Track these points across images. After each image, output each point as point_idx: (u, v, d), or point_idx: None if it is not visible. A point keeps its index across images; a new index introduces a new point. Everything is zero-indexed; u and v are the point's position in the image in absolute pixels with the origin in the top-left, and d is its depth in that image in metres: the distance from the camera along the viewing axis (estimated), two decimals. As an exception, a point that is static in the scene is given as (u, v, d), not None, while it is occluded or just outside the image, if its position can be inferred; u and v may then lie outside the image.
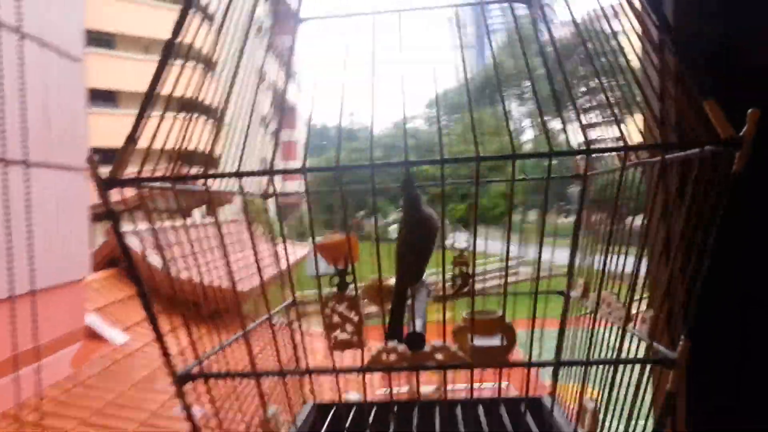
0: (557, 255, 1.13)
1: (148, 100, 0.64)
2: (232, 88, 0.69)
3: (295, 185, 1.08)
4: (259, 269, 0.76)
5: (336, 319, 0.75)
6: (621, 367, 0.73)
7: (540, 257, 0.84)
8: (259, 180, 0.97)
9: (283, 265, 0.91)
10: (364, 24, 0.87)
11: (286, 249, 0.87)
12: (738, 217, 0.65)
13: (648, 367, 0.71)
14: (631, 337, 0.78)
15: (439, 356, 0.71)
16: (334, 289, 0.84)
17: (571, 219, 1.07)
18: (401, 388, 1.32)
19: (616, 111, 0.74)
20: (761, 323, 0.89)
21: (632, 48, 0.78)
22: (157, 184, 0.67)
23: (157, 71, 0.64)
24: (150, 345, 3.90)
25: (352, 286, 0.82)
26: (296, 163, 0.71)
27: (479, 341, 0.74)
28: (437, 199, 1.05)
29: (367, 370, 0.72)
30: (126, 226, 0.66)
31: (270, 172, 0.65)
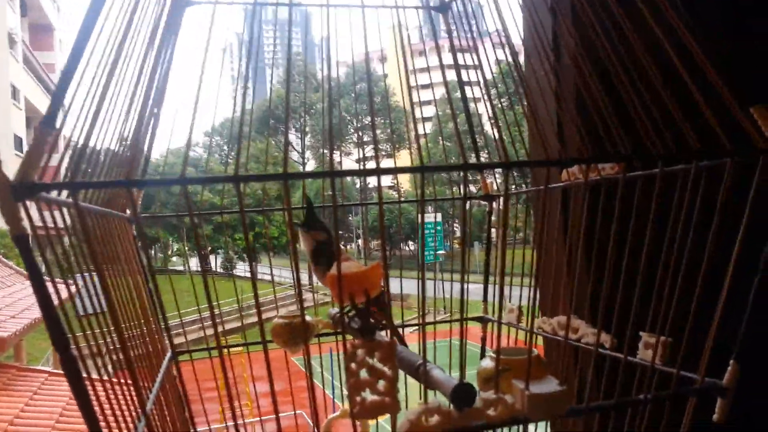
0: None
1: None
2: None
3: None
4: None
5: (364, 375, 0.58)
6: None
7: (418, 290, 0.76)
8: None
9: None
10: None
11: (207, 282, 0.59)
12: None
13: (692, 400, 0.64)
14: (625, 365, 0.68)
15: (491, 412, 0.58)
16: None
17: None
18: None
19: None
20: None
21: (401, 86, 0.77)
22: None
23: None
24: None
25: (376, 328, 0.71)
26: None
27: (533, 387, 0.59)
28: (226, 226, 1.11)
29: None
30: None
31: (238, 178, 0.48)
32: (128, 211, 0.87)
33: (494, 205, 1.07)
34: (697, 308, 0.62)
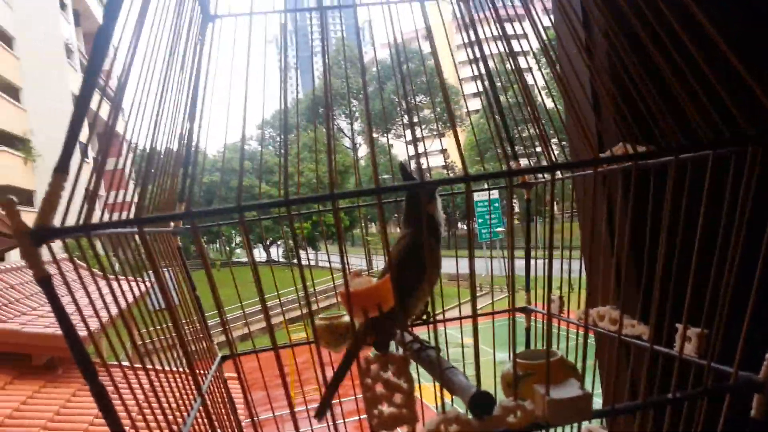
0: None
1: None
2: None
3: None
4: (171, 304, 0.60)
5: (380, 389, 0.59)
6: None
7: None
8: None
9: (123, 304, 0.62)
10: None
11: (306, 287, 0.61)
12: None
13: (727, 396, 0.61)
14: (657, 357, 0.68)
15: (511, 419, 0.57)
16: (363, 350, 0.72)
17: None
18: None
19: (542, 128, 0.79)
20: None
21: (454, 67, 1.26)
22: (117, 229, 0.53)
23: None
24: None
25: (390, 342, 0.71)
26: (126, 194, 0.64)
27: (553, 391, 0.58)
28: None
29: None
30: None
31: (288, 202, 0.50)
32: (172, 224, 0.92)
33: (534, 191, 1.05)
34: (732, 300, 0.59)
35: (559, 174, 0.93)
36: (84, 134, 0.58)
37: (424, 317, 0.90)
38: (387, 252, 0.60)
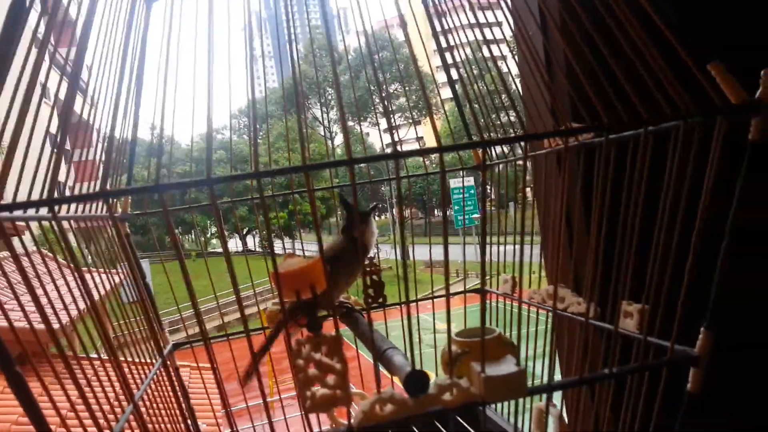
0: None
1: None
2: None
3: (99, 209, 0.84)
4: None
5: (312, 370, 0.57)
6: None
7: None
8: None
9: (96, 296, 0.63)
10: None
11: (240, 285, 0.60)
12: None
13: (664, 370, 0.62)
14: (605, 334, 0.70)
15: (447, 396, 0.56)
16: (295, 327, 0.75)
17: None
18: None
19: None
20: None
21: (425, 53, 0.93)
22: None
23: None
24: None
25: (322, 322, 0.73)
26: (98, 184, 0.65)
27: (489, 369, 0.57)
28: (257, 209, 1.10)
29: None
30: None
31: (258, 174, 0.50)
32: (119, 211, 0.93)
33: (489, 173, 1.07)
34: (672, 276, 0.60)
35: (520, 152, 0.95)
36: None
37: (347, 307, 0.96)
38: (318, 234, 0.57)
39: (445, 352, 0.66)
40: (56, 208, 0.50)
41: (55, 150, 0.56)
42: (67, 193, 0.64)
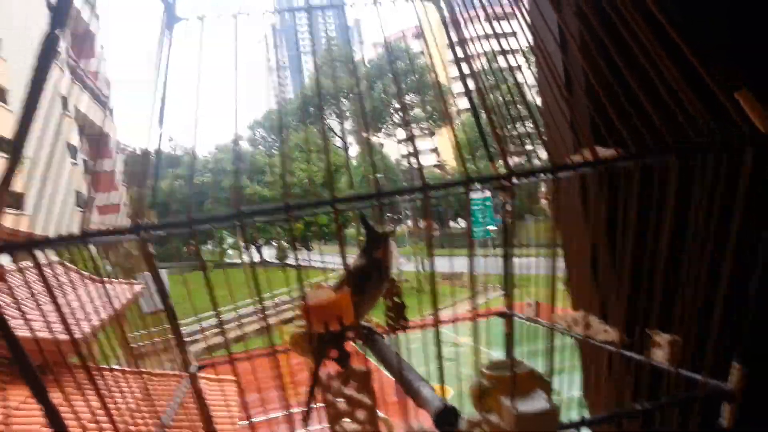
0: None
1: None
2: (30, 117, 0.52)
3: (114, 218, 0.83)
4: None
5: (342, 404, 0.57)
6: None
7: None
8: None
9: (117, 305, 0.67)
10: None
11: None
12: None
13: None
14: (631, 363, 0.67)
15: None
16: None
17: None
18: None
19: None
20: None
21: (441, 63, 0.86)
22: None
23: None
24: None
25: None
26: (117, 195, 2.38)
27: (520, 404, 0.56)
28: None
29: None
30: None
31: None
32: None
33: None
34: (703, 306, 0.58)
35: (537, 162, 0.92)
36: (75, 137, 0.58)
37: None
38: (346, 267, 0.61)
39: (475, 386, 0.65)
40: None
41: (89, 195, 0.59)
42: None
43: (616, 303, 0.69)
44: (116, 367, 0.70)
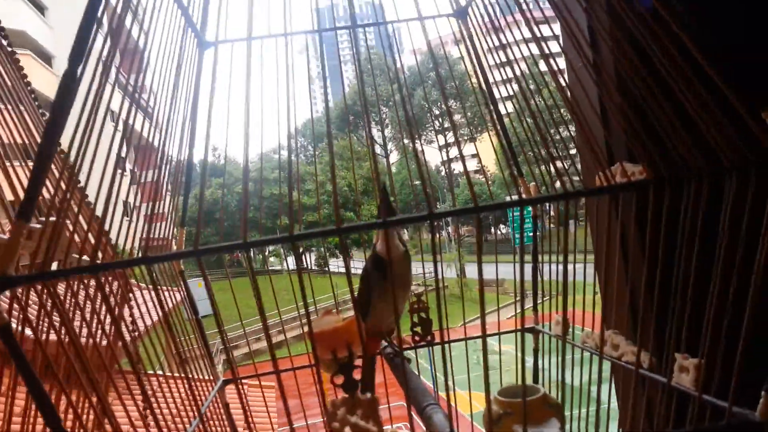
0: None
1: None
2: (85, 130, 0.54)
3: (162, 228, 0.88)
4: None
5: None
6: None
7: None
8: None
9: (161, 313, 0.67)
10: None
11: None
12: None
13: None
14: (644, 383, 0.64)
15: None
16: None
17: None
18: None
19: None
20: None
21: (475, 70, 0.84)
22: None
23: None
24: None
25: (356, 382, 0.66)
26: (163, 204, 0.69)
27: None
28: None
29: None
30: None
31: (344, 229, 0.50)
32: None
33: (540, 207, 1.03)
34: (729, 329, 0.56)
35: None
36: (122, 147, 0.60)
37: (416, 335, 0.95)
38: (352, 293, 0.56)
39: (486, 413, 0.64)
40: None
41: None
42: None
43: (646, 324, 0.68)
44: (160, 372, 0.72)
